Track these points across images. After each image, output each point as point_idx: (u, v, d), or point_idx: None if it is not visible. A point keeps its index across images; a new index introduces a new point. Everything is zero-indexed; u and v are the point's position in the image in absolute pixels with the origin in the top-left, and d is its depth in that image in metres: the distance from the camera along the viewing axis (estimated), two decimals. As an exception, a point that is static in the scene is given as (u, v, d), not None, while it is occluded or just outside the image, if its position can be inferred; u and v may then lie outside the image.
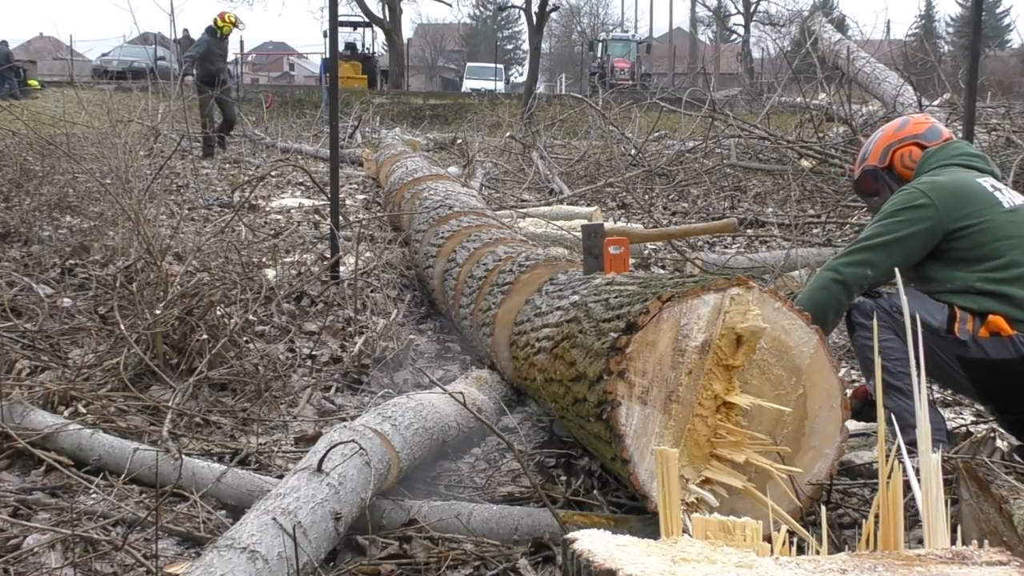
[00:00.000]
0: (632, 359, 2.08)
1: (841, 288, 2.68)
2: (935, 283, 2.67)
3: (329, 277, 4.96)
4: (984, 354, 2.53)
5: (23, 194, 6.56)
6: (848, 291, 2.68)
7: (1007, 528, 1.79)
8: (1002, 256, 2.59)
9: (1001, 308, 2.54)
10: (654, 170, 9.52)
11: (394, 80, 30.36)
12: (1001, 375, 2.54)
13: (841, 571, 0.97)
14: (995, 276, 2.58)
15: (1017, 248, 2.60)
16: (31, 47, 46.48)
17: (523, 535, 2.31)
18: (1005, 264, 2.59)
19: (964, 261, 2.64)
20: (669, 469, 1.11)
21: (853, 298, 2.70)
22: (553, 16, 31.54)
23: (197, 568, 1.77)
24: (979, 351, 2.53)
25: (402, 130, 14.63)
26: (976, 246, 2.62)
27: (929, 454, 1.10)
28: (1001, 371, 2.53)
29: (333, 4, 5.41)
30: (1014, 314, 2.52)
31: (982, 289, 2.58)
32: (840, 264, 2.70)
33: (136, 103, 9.45)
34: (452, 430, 2.84)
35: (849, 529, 2.34)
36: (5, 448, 2.73)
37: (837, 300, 2.69)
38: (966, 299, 2.59)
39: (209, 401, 3.32)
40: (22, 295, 4.35)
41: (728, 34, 45.42)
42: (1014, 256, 2.59)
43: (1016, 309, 2.53)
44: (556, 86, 37.41)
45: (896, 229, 2.67)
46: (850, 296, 2.69)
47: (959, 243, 2.64)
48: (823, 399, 2.20)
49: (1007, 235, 2.62)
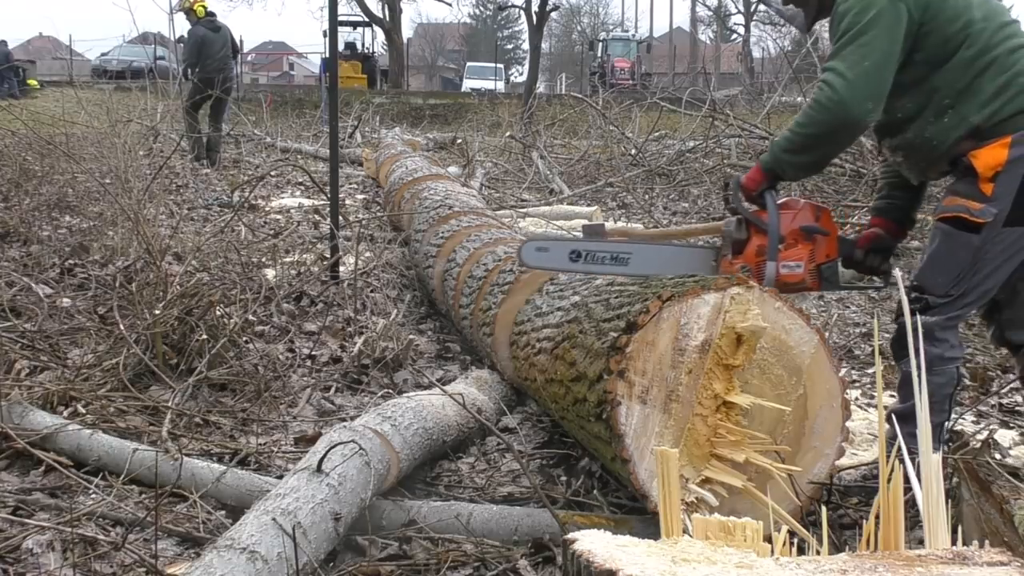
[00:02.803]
0: (632, 359, 2.08)
1: (845, 134, 2.53)
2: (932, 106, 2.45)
3: (329, 277, 4.96)
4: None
5: (22, 194, 6.56)
6: (852, 136, 2.57)
7: (1008, 528, 1.78)
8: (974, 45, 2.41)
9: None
10: (654, 170, 9.52)
11: (394, 80, 30.38)
12: None
13: (842, 571, 0.97)
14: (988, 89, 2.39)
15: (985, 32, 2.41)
16: (30, 47, 46.57)
17: (523, 536, 2.31)
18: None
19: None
20: (669, 469, 1.11)
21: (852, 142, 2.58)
22: (553, 16, 31.55)
23: (197, 568, 1.77)
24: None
25: (402, 130, 14.63)
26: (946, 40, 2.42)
27: (929, 454, 1.10)
28: None
29: (333, 4, 5.41)
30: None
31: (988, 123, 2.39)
32: (839, 104, 2.42)
33: (135, 103, 9.46)
34: (452, 430, 2.84)
35: (849, 529, 2.34)
36: (4, 448, 2.73)
37: (839, 147, 2.63)
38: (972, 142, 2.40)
39: (209, 401, 3.31)
40: (21, 295, 4.35)
41: (728, 34, 45.45)
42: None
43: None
44: (556, 86, 37.45)
45: (879, 43, 2.41)
46: (852, 140, 2.60)
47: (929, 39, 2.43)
48: (824, 399, 2.20)
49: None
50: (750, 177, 2.61)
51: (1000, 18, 2.44)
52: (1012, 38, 2.43)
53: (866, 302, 5.16)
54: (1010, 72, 2.38)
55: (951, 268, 2.44)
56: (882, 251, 2.76)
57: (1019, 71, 2.39)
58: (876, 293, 5.25)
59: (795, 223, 2.60)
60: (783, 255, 2.57)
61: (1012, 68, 2.39)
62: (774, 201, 2.59)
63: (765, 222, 2.57)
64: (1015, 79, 2.38)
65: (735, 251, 2.62)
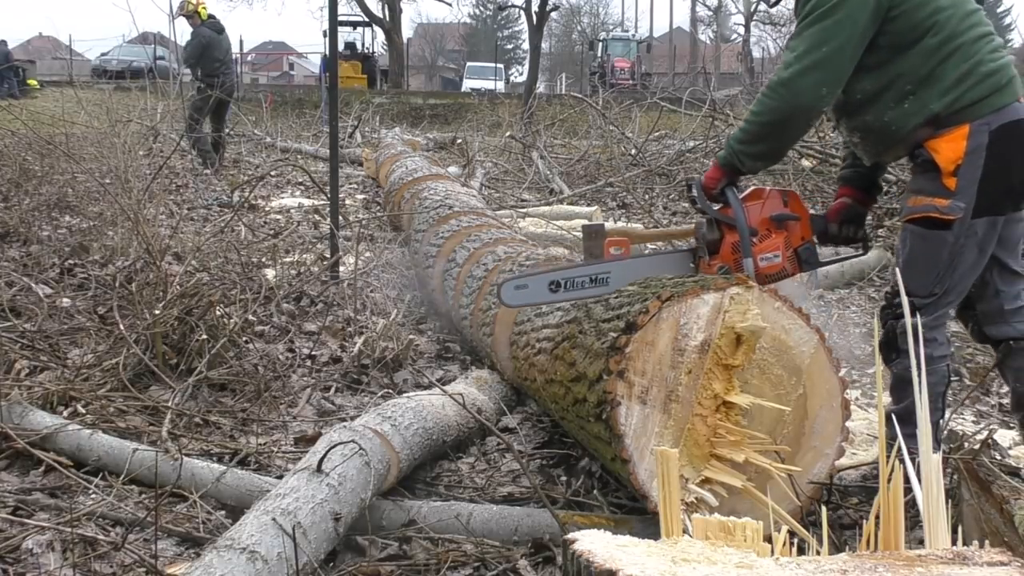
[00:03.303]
0: (631, 359, 2.08)
1: (800, 121, 2.49)
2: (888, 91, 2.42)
3: (329, 277, 4.96)
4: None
5: (22, 194, 6.56)
6: (808, 122, 2.52)
7: (1008, 528, 1.78)
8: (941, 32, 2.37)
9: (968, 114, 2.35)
10: (654, 170, 9.52)
11: (394, 80, 30.38)
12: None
13: (842, 571, 0.97)
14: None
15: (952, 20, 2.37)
16: (30, 46, 46.57)
17: (523, 536, 2.31)
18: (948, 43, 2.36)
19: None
20: (669, 469, 1.10)
21: (809, 129, 2.55)
22: (553, 16, 31.52)
23: (196, 568, 1.77)
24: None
25: (402, 130, 14.62)
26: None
27: (930, 454, 1.10)
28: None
29: (333, 4, 5.41)
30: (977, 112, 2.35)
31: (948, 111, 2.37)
32: (793, 91, 2.41)
33: (135, 103, 9.46)
34: (452, 430, 2.84)
35: (850, 529, 2.34)
36: (4, 448, 2.73)
37: (795, 134, 2.56)
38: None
39: (208, 401, 3.31)
40: (21, 295, 4.35)
41: (728, 33, 45.43)
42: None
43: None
44: (556, 86, 37.44)
45: (841, 29, 2.36)
46: (808, 127, 2.56)
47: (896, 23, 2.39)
48: (823, 399, 2.20)
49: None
50: (709, 176, 2.59)
51: (967, 5, 2.41)
52: (977, 26, 2.40)
53: (866, 302, 5.16)
54: (972, 60, 2.36)
55: (930, 268, 2.43)
56: (854, 220, 2.74)
57: (980, 60, 2.36)
58: (877, 293, 5.26)
59: (764, 213, 2.58)
60: (758, 248, 2.55)
61: (974, 57, 2.36)
62: (736, 196, 2.56)
63: (732, 219, 2.55)
64: (976, 68, 2.35)
65: (711, 252, 2.60)
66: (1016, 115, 2.36)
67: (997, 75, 2.35)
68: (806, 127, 2.55)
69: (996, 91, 2.35)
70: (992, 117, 2.34)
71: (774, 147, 2.58)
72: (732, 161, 2.55)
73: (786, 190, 2.68)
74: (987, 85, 2.34)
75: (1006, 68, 2.38)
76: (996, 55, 2.39)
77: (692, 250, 2.70)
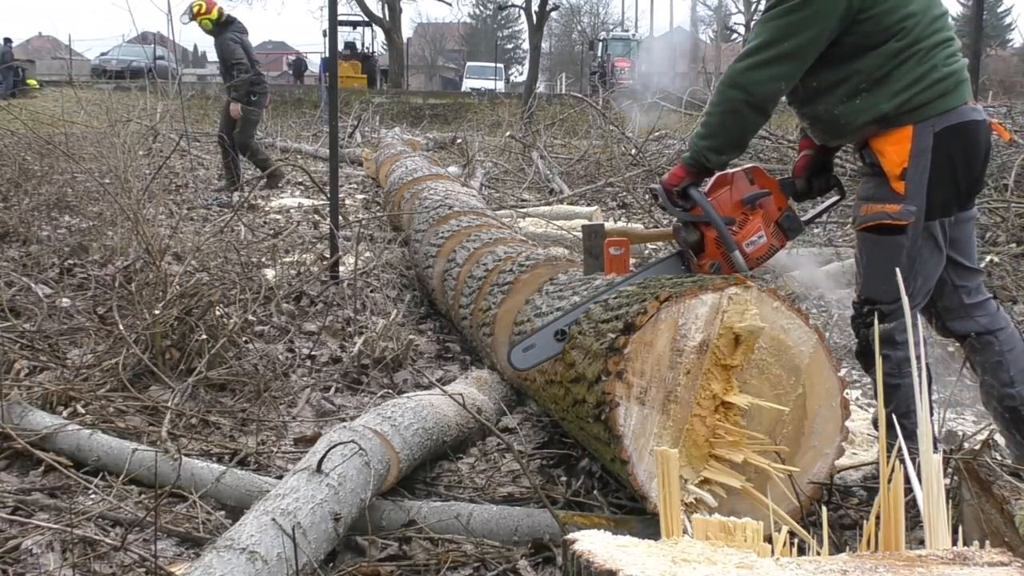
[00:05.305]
0: (630, 359, 2.08)
1: (757, 113, 2.47)
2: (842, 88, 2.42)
3: (329, 277, 4.96)
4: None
5: (22, 194, 6.56)
6: (764, 114, 2.50)
7: (1008, 529, 1.78)
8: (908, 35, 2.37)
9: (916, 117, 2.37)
10: (654, 170, 9.50)
11: (394, 79, 30.39)
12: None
13: (842, 572, 0.97)
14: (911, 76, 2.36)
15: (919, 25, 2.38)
16: (30, 46, 46.58)
17: (523, 536, 2.31)
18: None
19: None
20: (669, 469, 1.10)
21: (768, 119, 2.55)
22: (553, 15, 31.56)
23: (196, 569, 1.77)
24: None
25: (402, 129, 14.63)
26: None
27: (930, 454, 1.10)
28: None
29: (333, 4, 5.40)
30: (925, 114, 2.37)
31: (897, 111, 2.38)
32: (750, 82, 2.41)
33: (135, 103, 9.44)
34: (452, 430, 2.84)
35: (850, 530, 2.34)
36: (4, 448, 2.73)
37: (754, 125, 2.52)
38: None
39: (208, 401, 3.31)
40: (21, 295, 4.35)
41: (728, 33, 45.40)
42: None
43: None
44: (556, 85, 37.40)
45: (807, 27, 2.35)
46: (766, 117, 2.53)
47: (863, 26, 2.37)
48: (823, 399, 2.20)
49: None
50: (672, 175, 2.58)
51: (933, 11, 2.42)
52: (939, 32, 2.41)
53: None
54: (927, 65, 2.36)
55: (891, 273, 2.41)
56: (822, 169, 2.72)
57: (935, 64, 2.37)
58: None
59: (734, 198, 2.56)
60: (740, 235, 2.54)
61: (929, 61, 2.37)
62: (701, 194, 2.55)
63: (703, 216, 2.54)
64: (930, 72, 2.36)
65: (696, 252, 2.60)
66: (961, 117, 2.38)
67: (948, 79, 2.37)
68: (764, 117, 2.53)
69: (944, 95, 2.37)
70: (937, 119, 2.36)
71: (734, 139, 2.54)
72: (699, 159, 2.53)
73: (748, 167, 2.64)
74: (936, 89, 2.36)
75: (958, 72, 2.40)
76: (951, 60, 2.40)
77: (679, 253, 2.70)
